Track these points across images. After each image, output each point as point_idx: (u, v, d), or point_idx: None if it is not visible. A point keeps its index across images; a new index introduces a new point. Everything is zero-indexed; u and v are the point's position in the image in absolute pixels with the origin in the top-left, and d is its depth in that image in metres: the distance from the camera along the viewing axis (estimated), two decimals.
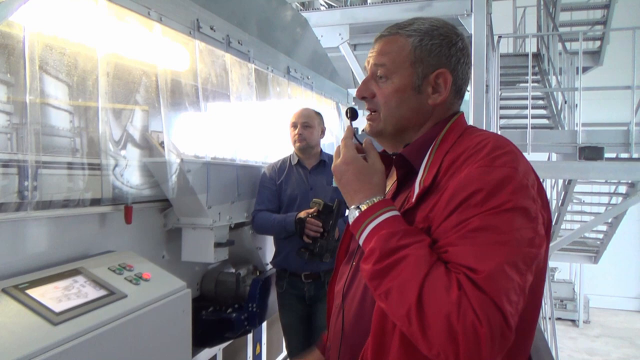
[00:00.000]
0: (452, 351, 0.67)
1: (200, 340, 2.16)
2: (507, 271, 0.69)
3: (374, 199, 0.83)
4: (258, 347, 3.03)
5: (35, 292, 1.26)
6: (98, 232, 1.70)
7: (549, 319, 6.70)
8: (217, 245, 2.02)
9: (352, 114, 0.99)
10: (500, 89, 5.63)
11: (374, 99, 0.93)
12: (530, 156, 5.24)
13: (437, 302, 0.68)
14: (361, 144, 0.93)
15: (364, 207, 0.83)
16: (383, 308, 0.77)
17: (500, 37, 5.64)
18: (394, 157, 0.94)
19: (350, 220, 0.85)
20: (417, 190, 0.83)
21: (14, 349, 1.06)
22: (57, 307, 1.24)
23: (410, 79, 0.90)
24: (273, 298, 2.41)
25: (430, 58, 0.90)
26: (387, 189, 0.93)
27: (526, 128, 5.33)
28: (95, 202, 1.63)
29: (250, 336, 2.87)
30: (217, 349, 2.49)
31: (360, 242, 0.83)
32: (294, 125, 2.42)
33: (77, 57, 1.59)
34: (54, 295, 1.28)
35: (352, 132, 0.92)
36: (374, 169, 0.88)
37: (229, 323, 2.15)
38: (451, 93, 0.91)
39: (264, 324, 3.04)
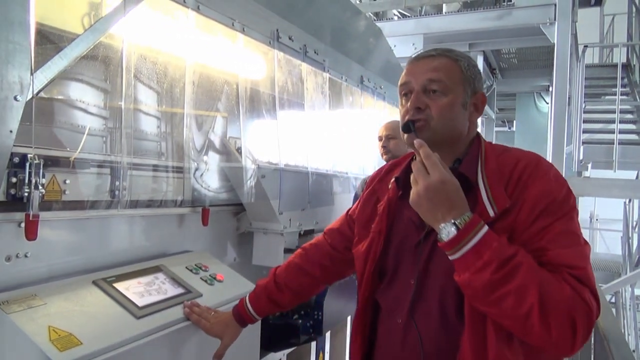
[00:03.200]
0: (570, 336, 0.83)
1: (266, 344, 2.17)
2: (589, 266, 0.89)
3: (468, 215, 0.89)
4: (321, 355, 2.99)
5: (121, 286, 1.34)
6: (177, 232, 1.77)
7: (633, 351, 6.14)
8: (287, 250, 2.01)
9: (408, 129, 1.01)
10: (585, 101, 5.29)
11: (425, 110, 1.00)
12: (617, 174, 4.85)
13: (557, 299, 0.83)
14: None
15: (461, 224, 0.88)
16: (488, 312, 0.88)
17: (586, 46, 5.30)
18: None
19: (445, 237, 0.89)
20: (488, 204, 0.93)
21: (102, 337, 1.13)
22: (140, 302, 1.31)
23: (462, 96, 1.02)
24: (339, 307, 2.37)
25: (474, 81, 1.04)
26: None
27: (612, 144, 4.95)
28: (176, 203, 1.69)
29: (314, 344, 2.83)
30: (282, 354, 2.46)
31: (457, 256, 0.88)
32: (380, 139, 2.44)
33: (167, 67, 1.68)
34: (137, 290, 1.36)
35: (424, 148, 0.94)
36: (458, 185, 0.92)
37: (295, 329, 2.14)
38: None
39: (328, 333, 2.99)
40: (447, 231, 0.89)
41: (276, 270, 1.36)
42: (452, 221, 0.88)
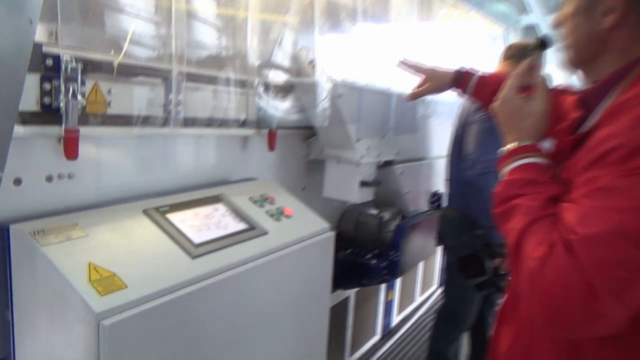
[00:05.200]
0: (536, 300, 0.69)
1: (335, 281, 2.04)
2: (611, 240, 0.64)
3: (519, 143, 0.85)
4: (390, 294, 2.90)
5: (175, 218, 1.17)
6: (240, 157, 1.60)
7: None
8: (363, 184, 1.84)
9: (542, 43, 0.97)
10: None
11: (559, 27, 0.90)
12: None
13: (526, 254, 0.71)
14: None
15: (507, 150, 0.86)
16: None
17: None
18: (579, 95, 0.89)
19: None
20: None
21: (151, 280, 0.96)
22: (197, 238, 1.13)
23: (579, 1, 0.84)
24: (417, 248, 2.18)
25: None
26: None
27: None
28: (239, 123, 1.49)
29: None
30: (350, 291, 2.39)
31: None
32: None
33: None
34: (193, 223, 1.18)
35: (526, 67, 0.91)
36: (529, 112, 0.87)
37: (367, 270, 1.99)
38: (633, 21, 0.78)
39: None
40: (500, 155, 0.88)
41: None
42: (506, 146, 0.87)
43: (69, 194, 1.12)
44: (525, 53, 1.86)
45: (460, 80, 1.33)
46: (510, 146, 0.86)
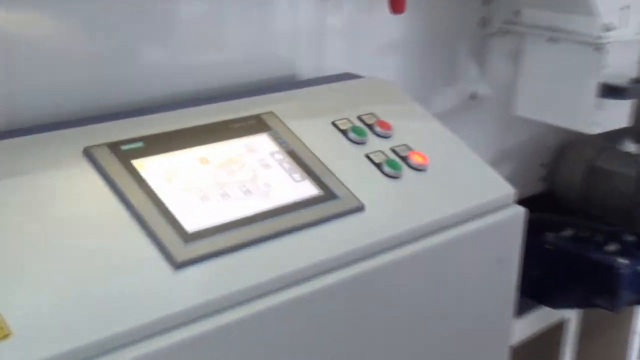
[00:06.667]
0: None
1: (535, 288, 2.14)
2: None
3: None
4: None
5: (153, 169, 1.10)
6: (321, 26, 1.66)
7: None
8: (610, 90, 1.76)
9: None
10: None
11: None
12: None
13: None
14: None
15: None
16: None
17: None
18: None
19: None
20: None
21: (71, 318, 0.87)
22: (192, 221, 1.04)
23: None
24: None
25: None
26: None
27: None
28: None
29: None
30: (568, 313, 2.42)
31: None
32: None
33: None
34: (194, 183, 1.12)
35: None
36: None
37: (607, 275, 2.02)
38: None
39: None
40: None
41: None
42: None
43: None
44: None
45: None
46: None
